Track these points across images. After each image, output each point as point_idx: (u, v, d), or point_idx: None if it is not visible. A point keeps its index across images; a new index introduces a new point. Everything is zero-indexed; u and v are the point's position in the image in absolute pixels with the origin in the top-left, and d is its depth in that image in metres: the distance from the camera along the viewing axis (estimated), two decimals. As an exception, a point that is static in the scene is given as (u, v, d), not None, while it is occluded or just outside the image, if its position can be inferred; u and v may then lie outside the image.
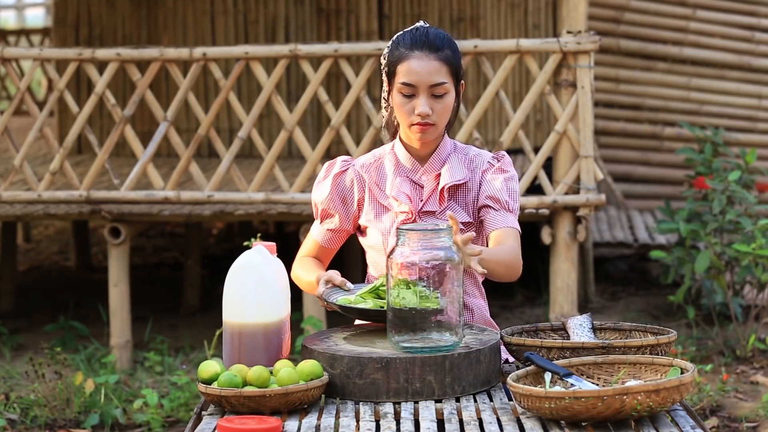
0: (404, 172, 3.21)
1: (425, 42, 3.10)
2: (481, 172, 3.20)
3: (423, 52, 3.09)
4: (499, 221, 3.15)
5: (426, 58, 3.09)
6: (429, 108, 3.10)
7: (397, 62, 3.12)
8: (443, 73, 3.10)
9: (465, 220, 3.17)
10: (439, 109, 3.12)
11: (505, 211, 3.16)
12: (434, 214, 3.18)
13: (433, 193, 3.18)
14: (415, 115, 3.11)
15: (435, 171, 3.19)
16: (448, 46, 3.12)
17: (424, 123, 3.11)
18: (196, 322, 7.35)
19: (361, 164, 3.27)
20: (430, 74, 3.09)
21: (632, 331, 3.04)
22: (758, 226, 6.10)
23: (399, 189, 3.18)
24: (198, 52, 6.20)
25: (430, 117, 3.11)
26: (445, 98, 3.12)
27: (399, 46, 3.13)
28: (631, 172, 8.87)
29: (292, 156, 8.24)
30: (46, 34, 12.51)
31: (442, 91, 3.11)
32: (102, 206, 6.36)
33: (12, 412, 5.50)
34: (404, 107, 3.12)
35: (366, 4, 8.49)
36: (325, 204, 3.29)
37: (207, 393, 2.73)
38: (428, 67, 3.09)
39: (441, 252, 2.76)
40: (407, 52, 3.11)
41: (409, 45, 3.11)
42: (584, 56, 5.98)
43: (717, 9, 8.92)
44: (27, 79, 6.44)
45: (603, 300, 7.62)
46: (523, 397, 2.58)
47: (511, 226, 3.14)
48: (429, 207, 3.18)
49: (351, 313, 3.00)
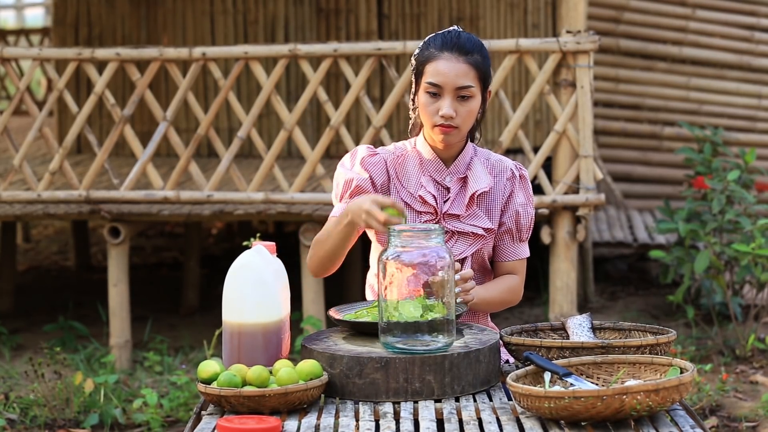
0: (428, 171, 3.19)
1: (456, 44, 3.09)
2: (505, 180, 3.22)
3: (452, 53, 3.08)
4: (511, 253, 3.26)
5: (455, 60, 3.08)
6: (453, 110, 3.08)
7: (426, 62, 3.11)
8: (470, 77, 3.09)
9: (487, 227, 3.19)
10: (464, 113, 3.10)
11: (519, 242, 3.26)
12: (459, 217, 3.18)
13: (458, 196, 3.18)
14: (438, 116, 3.09)
15: (459, 174, 3.19)
16: (479, 51, 3.11)
17: (448, 125, 3.09)
18: (195, 322, 7.35)
19: (386, 153, 3.23)
20: (457, 76, 3.07)
21: (632, 330, 3.05)
22: (757, 226, 6.10)
23: (426, 188, 3.17)
24: (197, 51, 6.20)
25: (454, 120, 3.09)
26: (470, 102, 3.10)
27: (429, 47, 3.12)
28: (631, 172, 8.87)
29: (292, 156, 8.24)
30: (45, 33, 12.50)
31: (468, 94, 3.09)
32: (101, 206, 6.36)
33: (11, 412, 5.50)
34: (428, 107, 3.10)
35: (365, 4, 8.49)
36: (358, 181, 3.17)
37: (206, 393, 2.73)
38: (456, 69, 3.07)
39: (433, 252, 2.76)
40: (437, 52, 3.09)
41: (439, 46, 3.10)
42: (584, 56, 5.98)
43: (717, 9, 8.92)
44: (26, 78, 6.44)
45: (602, 300, 7.62)
46: (522, 397, 2.58)
47: (521, 258, 3.27)
48: (454, 210, 3.18)
49: (357, 327, 2.99)
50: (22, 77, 6.57)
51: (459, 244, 3.19)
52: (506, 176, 3.23)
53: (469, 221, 3.18)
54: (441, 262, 2.77)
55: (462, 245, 3.19)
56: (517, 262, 3.27)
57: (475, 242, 3.19)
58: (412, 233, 2.77)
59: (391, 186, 3.20)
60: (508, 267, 3.27)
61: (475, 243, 3.20)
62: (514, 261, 3.26)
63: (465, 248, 3.19)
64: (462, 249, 3.18)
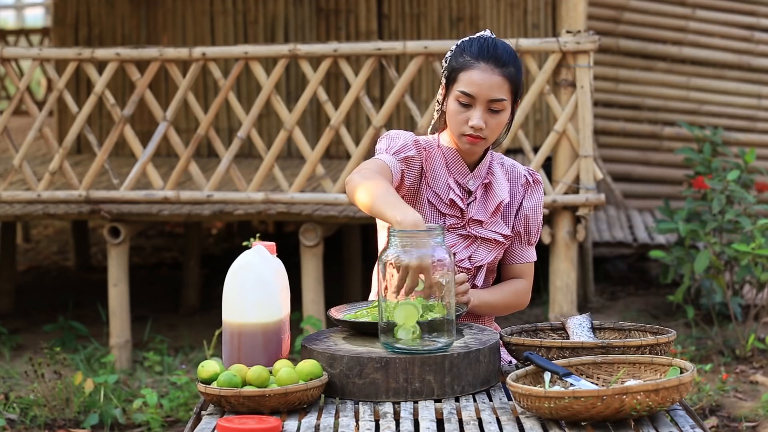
0: (453, 173, 3.16)
1: (493, 55, 3.04)
2: (520, 186, 3.22)
3: (489, 65, 3.04)
4: (519, 257, 3.25)
5: (490, 72, 3.03)
6: (483, 122, 3.05)
7: (461, 69, 3.06)
8: (504, 90, 3.05)
9: (506, 233, 3.19)
10: (493, 125, 3.07)
11: (527, 245, 3.26)
12: (482, 223, 3.17)
13: (481, 201, 3.16)
14: (468, 126, 3.06)
15: (482, 178, 3.17)
16: (513, 63, 3.07)
17: (476, 136, 3.07)
18: (195, 322, 7.35)
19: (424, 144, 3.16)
20: (492, 89, 3.03)
21: (631, 330, 3.05)
22: (757, 226, 6.10)
23: (454, 192, 3.14)
24: (197, 51, 6.20)
25: (483, 131, 3.06)
26: (501, 114, 3.07)
27: (464, 53, 3.07)
28: (631, 172, 8.87)
29: (292, 156, 8.24)
30: (45, 34, 12.51)
31: (500, 107, 3.06)
32: (101, 206, 6.36)
33: (11, 412, 5.50)
34: (458, 116, 3.07)
35: (365, 3, 8.49)
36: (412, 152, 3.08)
37: (206, 393, 2.73)
38: (491, 81, 3.03)
39: (433, 252, 2.76)
40: (473, 61, 3.04)
41: (476, 54, 3.05)
42: (583, 56, 5.98)
43: (716, 9, 8.92)
44: (26, 79, 6.44)
45: (602, 300, 7.62)
46: (522, 397, 2.58)
47: (529, 261, 3.26)
48: (478, 215, 3.16)
49: (357, 327, 2.99)
50: (22, 77, 6.57)
51: (481, 250, 3.17)
52: (521, 182, 3.23)
53: (492, 228, 3.17)
54: (441, 262, 2.76)
55: (483, 252, 3.18)
56: (525, 265, 3.26)
57: (494, 249, 3.19)
58: (413, 234, 2.77)
59: (422, 181, 3.16)
60: (516, 270, 3.26)
61: (494, 250, 3.19)
62: (522, 264, 3.26)
63: (486, 254, 3.18)
64: (483, 255, 3.17)
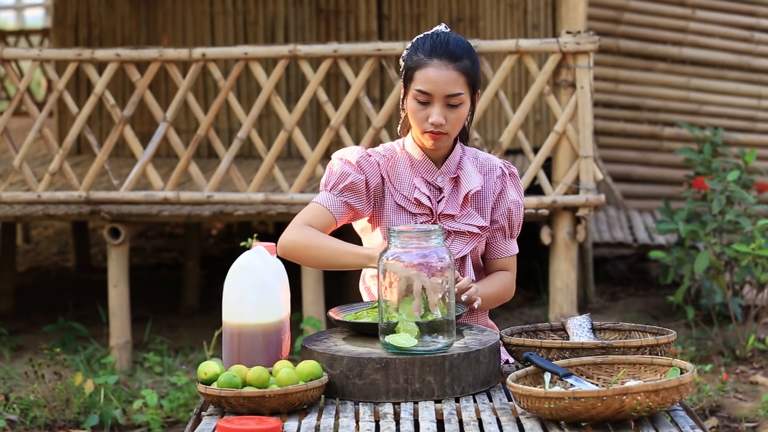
0: (420, 173, 3.18)
1: (445, 50, 3.05)
2: (495, 178, 3.23)
3: (442, 60, 3.05)
4: (503, 250, 3.28)
5: (444, 68, 3.05)
6: (443, 118, 3.07)
7: (415, 68, 3.08)
8: (460, 84, 3.06)
9: (481, 224, 3.21)
10: (453, 119, 3.09)
11: (510, 238, 3.28)
12: (454, 217, 3.19)
13: (451, 196, 3.18)
14: (428, 122, 3.08)
15: (451, 173, 3.19)
16: (468, 56, 3.08)
17: (437, 132, 3.09)
18: (195, 323, 7.35)
19: (378, 156, 3.20)
20: (447, 84, 3.05)
21: (632, 331, 3.05)
22: (757, 226, 6.10)
23: (419, 190, 3.16)
24: (197, 52, 6.20)
25: (444, 126, 3.08)
26: (459, 108, 3.09)
27: (418, 51, 3.08)
28: (631, 173, 8.87)
29: (292, 156, 8.24)
30: (45, 34, 12.51)
31: (458, 101, 3.07)
32: (101, 207, 6.36)
33: (11, 413, 5.50)
34: (418, 114, 3.09)
35: (365, 4, 8.49)
36: (354, 178, 3.13)
37: (206, 393, 2.73)
38: (446, 77, 3.05)
39: (433, 252, 2.76)
40: (426, 59, 3.06)
41: (428, 52, 3.06)
42: (583, 56, 5.98)
43: (716, 9, 8.92)
44: (26, 79, 6.44)
45: (602, 300, 7.62)
46: (522, 398, 2.58)
47: (512, 254, 3.30)
48: (449, 210, 3.18)
49: (357, 328, 2.99)
50: (22, 78, 6.57)
51: (456, 243, 3.20)
52: (496, 174, 3.24)
53: (464, 220, 3.19)
54: (441, 262, 2.76)
55: (459, 244, 3.20)
56: (509, 258, 3.29)
57: (471, 241, 3.21)
58: (412, 234, 2.77)
59: (385, 189, 3.19)
60: (501, 264, 3.29)
61: (471, 242, 3.21)
62: (506, 258, 3.28)
63: (462, 247, 3.20)
64: (459, 248, 3.19)
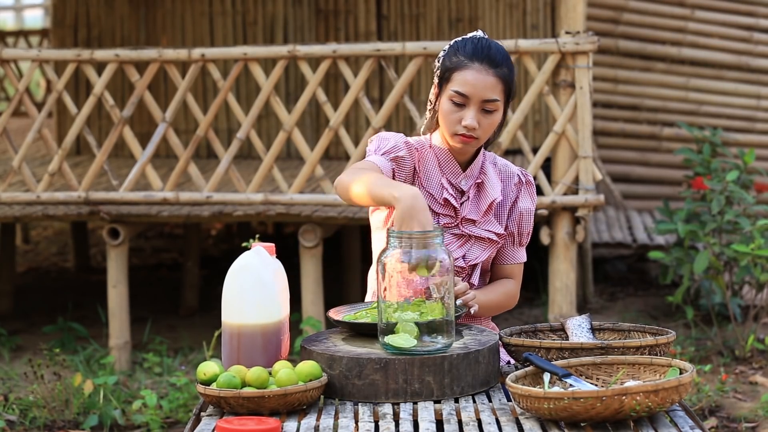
0: (445, 173, 3.17)
1: (486, 55, 3.06)
2: (512, 186, 3.24)
3: (483, 65, 3.05)
4: (510, 257, 3.28)
5: (484, 72, 3.05)
6: (477, 122, 3.06)
7: (454, 69, 3.07)
8: (498, 91, 3.06)
9: (500, 232, 3.21)
10: (486, 125, 3.08)
11: (519, 246, 3.28)
12: (475, 222, 3.18)
13: (474, 200, 3.18)
14: (461, 125, 3.07)
15: (474, 178, 3.18)
16: (506, 64, 3.08)
17: (469, 136, 3.08)
18: (194, 323, 7.35)
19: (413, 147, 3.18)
20: (485, 89, 3.05)
21: (631, 331, 3.05)
22: (757, 227, 6.10)
23: (447, 191, 3.16)
24: (196, 53, 6.20)
25: (476, 131, 3.07)
26: (493, 115, 3.09)
27: (458, 53, 3.08)
28: (630, 173, 8.87)
29: (291, 157, 8.24)
30: (44, 35, 12.51)
31: (493, 107, 3.07)
32: (101, 207, 6.36)
33: (11, 413, 5.50)
34: (451, 116, 3.08)
35: (364, 4, 8.49)
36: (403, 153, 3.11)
37: (206, 394, 2.73)
38: (485, 82, 3.05)
39: (432, 253, 2.76)
40: (466, 61, 3.06)
41: (469, 54, 3.06)
42: (583, 57, 5.98)
43: (715, 9, 8.93)
44: (26, 80, 6.44)
45: (602, 300, 7.62)
46: (522, 398, 2.58)
47: (519, 262, 3.29)
48: (471, 215, 3.18)
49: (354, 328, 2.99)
50: (22, 78, 6.57)
51: (474, 249, 3.19)
52: (513, 182, 3.25)
53: (485, 227, 3.19)
54: (440, 263, 2.76)
55: (477, 250, 3.19)
56: (515, 266, 3.28)
57: (488, 247, 3.21)
58: (412, 234, 2.77)
59: (415, 181, 3.18)
60: (507, 271, 3.28)
61: (488, 248, 3.21)
62: (512, 265, 3.28)
63: (480, 253, 3.19)
64: (477, 254, 3.19)
